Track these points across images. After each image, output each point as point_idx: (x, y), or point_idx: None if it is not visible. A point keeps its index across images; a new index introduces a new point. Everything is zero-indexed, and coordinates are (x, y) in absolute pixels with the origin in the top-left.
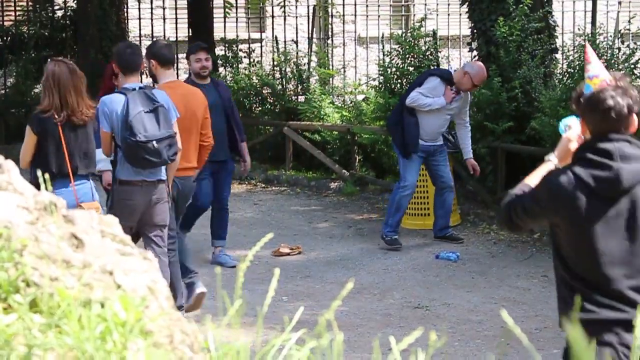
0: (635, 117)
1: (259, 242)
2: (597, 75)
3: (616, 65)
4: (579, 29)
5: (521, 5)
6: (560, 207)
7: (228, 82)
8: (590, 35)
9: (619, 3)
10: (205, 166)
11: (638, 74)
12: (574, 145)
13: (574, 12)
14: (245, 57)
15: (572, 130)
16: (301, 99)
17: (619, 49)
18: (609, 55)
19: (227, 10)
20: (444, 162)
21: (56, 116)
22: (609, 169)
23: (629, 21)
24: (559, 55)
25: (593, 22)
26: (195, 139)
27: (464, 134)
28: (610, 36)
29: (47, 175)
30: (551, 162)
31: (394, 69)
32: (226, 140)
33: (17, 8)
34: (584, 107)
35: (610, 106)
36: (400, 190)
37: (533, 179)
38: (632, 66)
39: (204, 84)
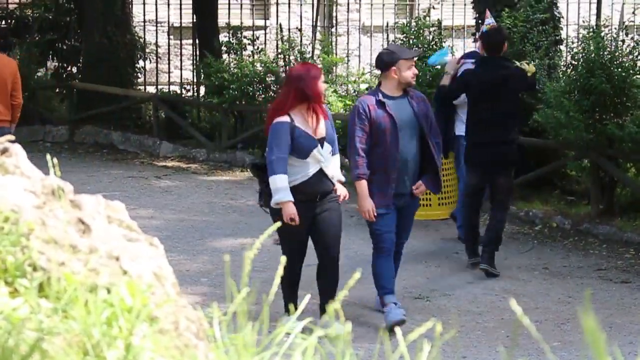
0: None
1: (267, 231)
2: (490, 23)
3: (620, 58)
4: (583, 21)
5: None
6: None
7: (232, 68)
8: (595, 28)
9: None
10: (388, 200)
11: None
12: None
13: (578, 3)
14: (249, 44)
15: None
16: None
17: (623, 41)
18: (613, 47)
19: None
20: None
21: None
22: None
23: (634, 13)
24: (563, 47)
25: (598, 14)
26: (4, 98)
27: None
28: (615, 28)
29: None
30: (449, 74)
31: None
32: (418, 167)
33: None
34: (485, 39)
35: (500, 40)
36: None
37: (445, 81)
38: (636, 58)
39: (396, 97)
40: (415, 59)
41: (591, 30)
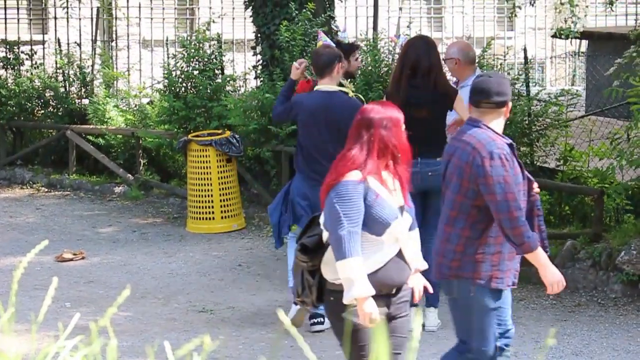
0: None
1: (34, 249)
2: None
3: None
4: (361, 34)
5: (304, 10)
6: None
7: (9, 84)
8: (372, 40)
9: (400, 9)
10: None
11: None
12: None
13: (356, 17)
14: (27, 59)
15: None
16: (85, 102)
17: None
18: (389, 60)
19: None
20: None
21: None
22: None
23: (408, 27)
24: None
25: (375, 28)
26: None
27: None
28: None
29: None
30: None
31: (178, 72)
32: None
33: None
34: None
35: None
36: None
37: None
38: None
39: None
40: None
41: (368, 42)
